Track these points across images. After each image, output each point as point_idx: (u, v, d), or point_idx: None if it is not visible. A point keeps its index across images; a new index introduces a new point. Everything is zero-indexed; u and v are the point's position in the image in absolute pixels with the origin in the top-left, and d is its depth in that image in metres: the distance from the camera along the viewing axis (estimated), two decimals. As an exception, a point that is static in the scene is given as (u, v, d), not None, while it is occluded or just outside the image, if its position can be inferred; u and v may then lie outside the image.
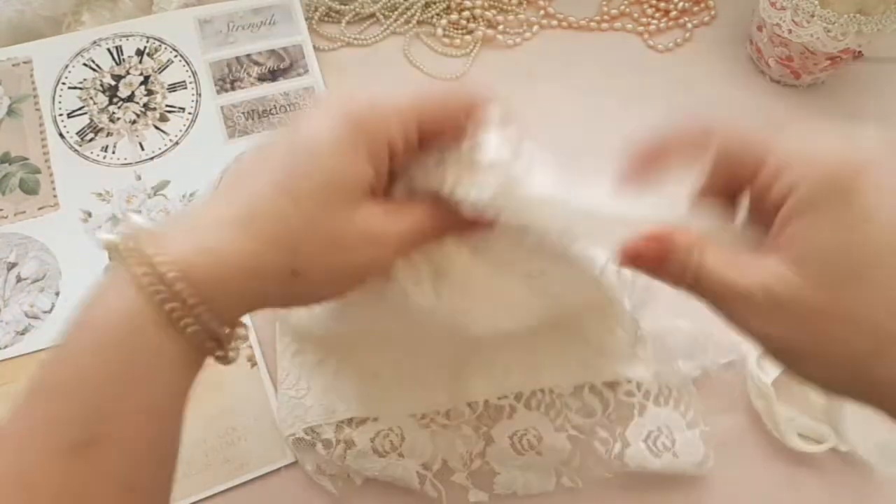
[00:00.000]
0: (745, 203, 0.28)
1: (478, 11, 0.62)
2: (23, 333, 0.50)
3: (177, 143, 0.57)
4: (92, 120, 0.57)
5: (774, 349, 0.27)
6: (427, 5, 0.62)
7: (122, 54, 0.59)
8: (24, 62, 0.58)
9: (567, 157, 0.47)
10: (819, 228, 0.25)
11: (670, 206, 0.28)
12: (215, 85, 0.58)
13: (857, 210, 0.25)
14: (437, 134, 0.30)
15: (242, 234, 0.27)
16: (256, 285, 0.27)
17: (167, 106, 0.58)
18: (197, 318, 0.26)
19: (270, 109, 0.58)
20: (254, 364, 0.50)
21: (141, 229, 0.27)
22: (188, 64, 0.59)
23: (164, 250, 0.26)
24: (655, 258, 0.27)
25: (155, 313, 0.26)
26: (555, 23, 0.63)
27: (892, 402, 0.27)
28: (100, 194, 0.55)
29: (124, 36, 0.59)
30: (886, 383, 0.26)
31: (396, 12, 0.62)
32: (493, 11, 0.63)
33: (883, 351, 0.25)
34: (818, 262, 0.25)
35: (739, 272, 0.26)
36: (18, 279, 0.52)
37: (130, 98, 0.58)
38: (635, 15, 0.63)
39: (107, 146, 0.56)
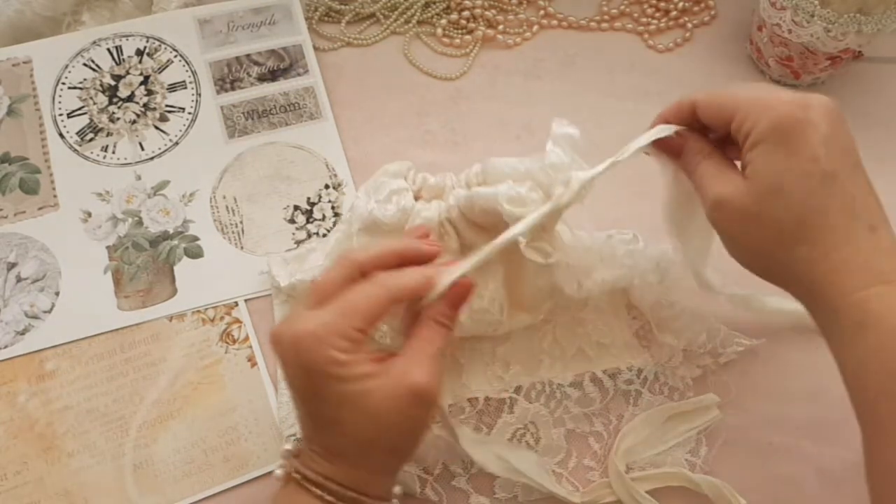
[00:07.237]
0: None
1: (478, 11, 0.62)
2: (23, 333, 0.50)
3: (177, 143, 0.57)
4: (92, 120, 0.57)
5: (721, 233, 0.39)
6: (427, 5, 0.62)
7: (122, 54, 0.59)
8: (24, 62, 0.58)
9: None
10: (763, 156, 0.36)
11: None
12: (215, 85, 0.58)
13: (789, 147, 0.36)
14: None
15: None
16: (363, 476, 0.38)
17: (167, 106, 0.58)
18: None
19: (270, 109, 0.58)
20: (254, 364, 0.50)
21: (291, 456, 0.39)
22: (188, 64, 0.59)
23: (320, 471, 0.37)
24: (678, 146, 0.41)
25: None
26: (555, 23, 0.63)
27: (790, 282, 0.38)
28: (100, 194, 0.55)
29: (124, 36, 0.59)
30: (786, 267, 0.37)
31: (396, 12, 0.62)
32: (493, 11, 0.63)
33: (785, 244, 0.36)
34: (757, 179, 0.36)
35: (714, 180, 0.38)
36: (18, 279, 0.52)
37: (130, 98, 0.58)
38: (635, 15, 0.63)
39: (107, 146, 0.56)
